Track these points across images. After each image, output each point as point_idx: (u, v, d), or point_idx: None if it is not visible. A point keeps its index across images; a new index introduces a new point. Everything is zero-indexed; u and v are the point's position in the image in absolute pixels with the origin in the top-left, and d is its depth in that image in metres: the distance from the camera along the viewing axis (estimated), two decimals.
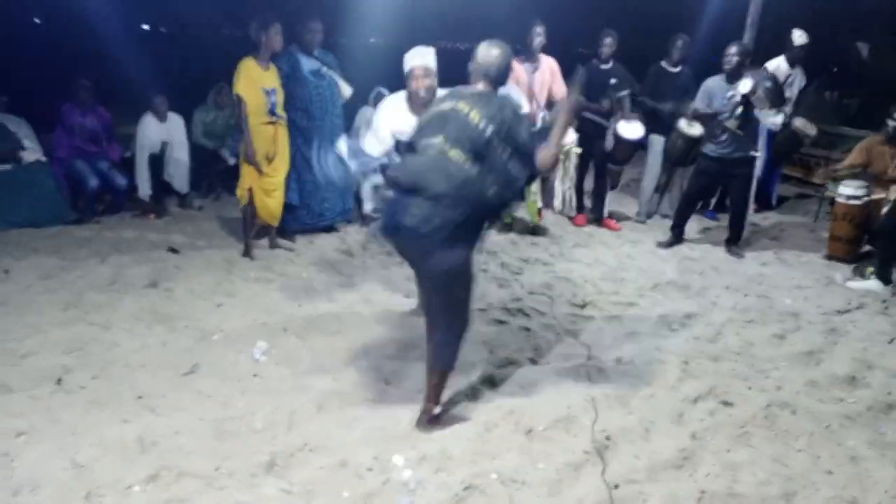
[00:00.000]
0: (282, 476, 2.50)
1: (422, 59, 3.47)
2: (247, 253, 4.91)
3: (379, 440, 2.76)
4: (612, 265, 5.21)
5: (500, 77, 2.81)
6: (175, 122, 6.22)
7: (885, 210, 5.04)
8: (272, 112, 4.58)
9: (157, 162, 6.19)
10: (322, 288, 4.45)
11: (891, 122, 5.24)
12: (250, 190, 4.72)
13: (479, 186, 2.60)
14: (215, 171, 6.79)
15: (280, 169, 4.79)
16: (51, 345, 3.42)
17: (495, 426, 2.90)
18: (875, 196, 5.42)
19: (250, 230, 4.90)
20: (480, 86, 2.79)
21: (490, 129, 2.61)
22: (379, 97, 5.91)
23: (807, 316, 4.31)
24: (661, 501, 2.46)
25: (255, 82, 4.48)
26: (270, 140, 4.65)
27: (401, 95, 3.66)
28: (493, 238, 5.57)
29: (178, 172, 6.27)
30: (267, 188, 4.75)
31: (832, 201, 6.68)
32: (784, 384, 3.39)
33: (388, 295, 4.36)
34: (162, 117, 6.11)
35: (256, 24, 4.46)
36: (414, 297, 4.02)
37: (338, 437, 2.76)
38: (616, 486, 2.52)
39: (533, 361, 3.57)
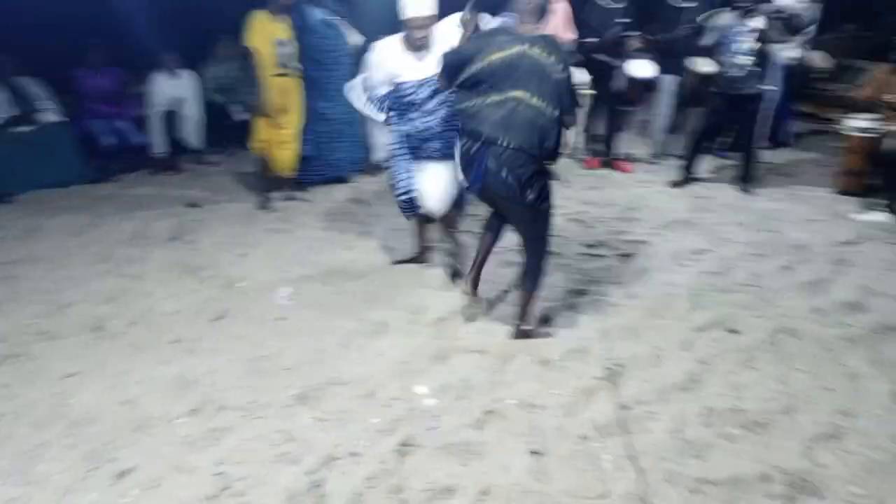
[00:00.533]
0: (314, 407, 2.69)
1: (420, 8, 3.28)
2: (264, 205, 5.04)
3: (403, 373, 2.93)
4: (624, 205, 5.29)
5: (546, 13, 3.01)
6: (187, 78, 6.28)
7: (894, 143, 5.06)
8: (284, 64, 4.64)
9: (172, 119, 6.29)
10: (340, 237, 4.59)
11: None
12: (264, 143, 4.81)
13: (558, 127, 2.88)
14: (227, 126, 6.87)
15: (294, 121, 4.88)
16: (89, 295, 3.61)
17: (512, 357, 3.06)
18: (887, 128, 5.42)
19: (266, 183, 5.01)
20: (532, 24, 2.94)
21: (565, 71, 2.84)
22: None
23: (815, 248, 4.40)
24: (670, 419, 2.62)
25: (267, 34, 4.54)
26: (283, 92, 4.72)
27: (396, 38, 3.46)
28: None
29: (193, 129, 6.37)
30: (281, 140, 4.86)
31: (843, 135, 6.68)
32: (789, 312, 3.51)
33: (405, 241, 4.48)
34: (174, 74, 6.18)
35: None
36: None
37: (364, 371, 2.94)
38: (627, 407, 2.68)
39: (545, 299, 3.70)
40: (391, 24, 3.49)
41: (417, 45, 3.37)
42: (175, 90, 6.19)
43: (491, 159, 2.89)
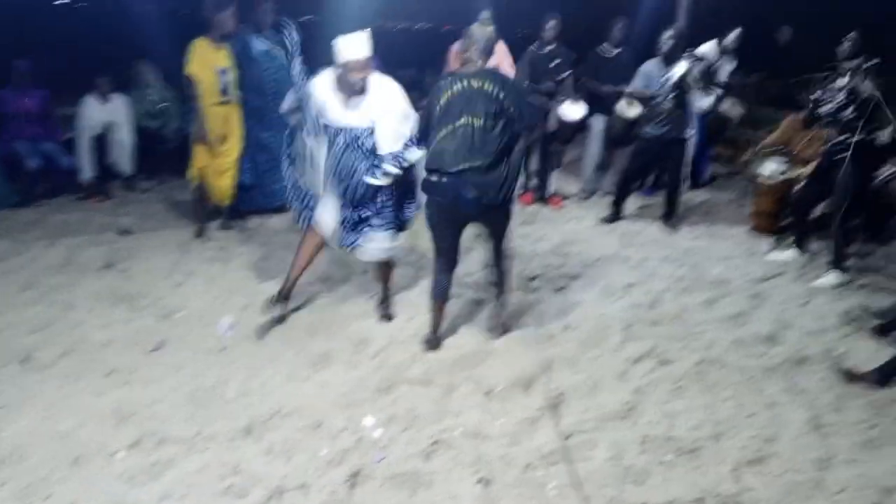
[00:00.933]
0: (260, 439, 2.66)
1: (359, 51, 3.24)
2: (200, 234, 4.96)
3: (349, 404, 2.94)
4: (558, 241, 5.49)
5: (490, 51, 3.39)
6: (118, 102, 6.13)
7: (798, 186, 5.48)
8: (224, 92, 4.63)
9: (102, 143, 6.10)
10: (280, 266, 4.52)
11: (807, 106, 5.63)
12: (202, 170, 4.75)
13: (506, 142, 3.17)
14: (159, 153, 6.73)
15: (233, 149, 4.85)
16: (14, 325, 3.45)
17: (457, 388, 3.12)
18: (793, 173, 5.88)
19: (202, 211, 4.94)
20: (480, 63, 3.26)
21: (502, 93, 3.13)
22: None
23: (734, 283, 4.69)
24: (609, 447, 2.73)
25: (208, 62, 4.52)
26: (223, 120, 4.70)
27: (330, 73, 3.40)
28: None
29: (122, 154, 6.20)
30: (219, 169, 4.81)
31: (755, 178, 7.18)
32: (713, 344, 3.73)
33: (346, 272, 4.51)
34: (104, 98, 6.02)
35: (212, 3, 4.49)
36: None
37: (309, 403, 2.93)
38: (569, 436, 2.79)
39: (486, 331, 3.80)
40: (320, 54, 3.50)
41: (352, 89, 3.30)
42: (106, 114, 6.02)
43: (468, 184, 3.12)
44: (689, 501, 2.41)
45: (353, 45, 3.23)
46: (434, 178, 3.19)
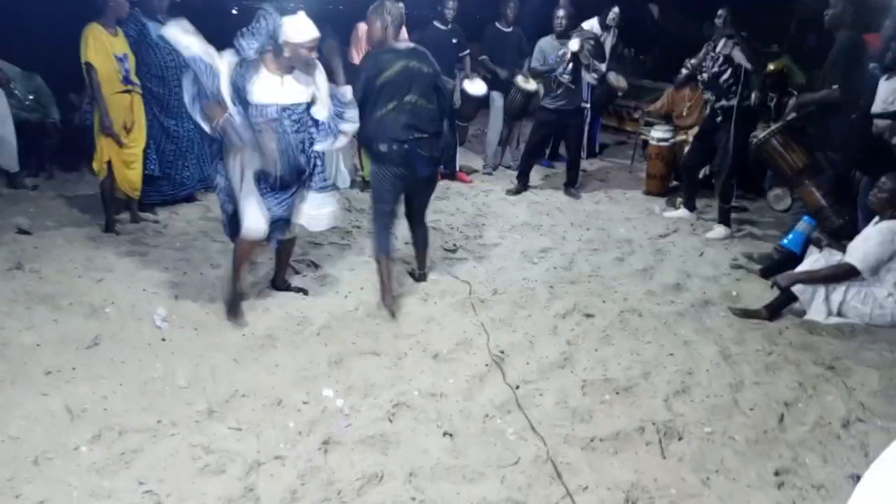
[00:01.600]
0: (224, 420, 2.69)
1: (311, 31, 3.27)
2: (109, 228, 4.75)
3: (304, 379, 3.01)
4: (472, 213, 5.72)
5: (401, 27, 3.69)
6: None
7: (685, 150, 6.01)
8: (126, 80, 4.45)
9: None
10: (200, 255, 4.47)
11: (683, 72, 6.14)
12: (109, 163, 4.56)
13: (440, 116, 3.71)
14: (46, 147, 6.31)
15: (139, 139, 4.67)
16: None
17: (405, 354, 3.27)
18: (679, 138, 6.43)
19: (111, 205, 4.73)
20: (406, 39, 3.77)
21: (433, 72, 3.63)
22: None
23: (637, 241, 5.12)
24: (555, 392, 2.99)
25: (105, 48, 4.31)
26: (127, 109, 4.51)
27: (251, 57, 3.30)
28: (359, 196, 5.83)
29: (5, 150, 5.75)
30: (127, 160, 4.63)
31: (645, 144, 7.75)
32: (629, 296, 4.10)
33: (269, 255, 4.49)
34: None
35: None
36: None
37: (265, 382, 2.98)
38: (517, 387, 3.01)
39: (423, 300, 3.96)
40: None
41: (293, 68, 3.32)
42: None
43: (422, 150, 3.61)
44: (632, 430, 2.70)
45: (305, 26, 3.27)
46: (385, 146, 3.56)
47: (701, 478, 2.45)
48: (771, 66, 7.17)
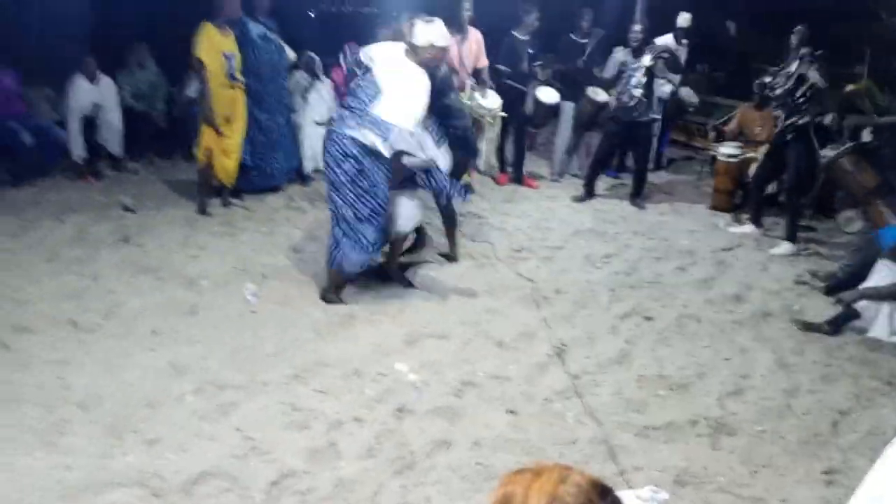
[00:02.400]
0: (308, 384, 2.98)
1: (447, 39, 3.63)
2: (202, 210, 5.17)
3: (380, 353, 3.28)
4: (537, 217, 5.91)
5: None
6: (106, 84, 6.22)
7: (753, 167, 6.05)
8: (231, 76, 4.85)
9: (90, 124, 6.18)
10: (285, 241, 4.83)
11: (756, 90, 6.17)
12: (209, 150, 4.97)
13: None
14: (147, 135, 6.85)
15: (238, 130, 5.07)
16: (49, 293, 3.65)
17: (471, 340, 3.50)
18: (748, 155, 6.45)
19: (206, 189, 5.15)
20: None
21: None
22: (311, 62, 6.25)
23: (700, 253, 5.20)
24: (611, 385, 3.16)
25: (216, 46, 4.73)
26: (229, 102, 4.92)
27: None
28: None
29: (112, 135, 6.29)
30: (226, 149, 5.03)
31: (713, 160, 7.77)
32: (688, 303, 4.21)
33: None
34: (92, 78, 6.10)
35: None
36: None
37: (344, 354, 3.26)
38: (576, 377, 3.20)
39: (488, 293, 4.18)
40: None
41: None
42: (95, 95, 6.11)
43: None
44: (684, 423, 2.85)
45: (444, 34, 3.54)
46: None
47: (749, 469, 2.59)
48: (851, 87, 7.11)
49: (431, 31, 3.50)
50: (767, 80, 5.36)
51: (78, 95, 6.01)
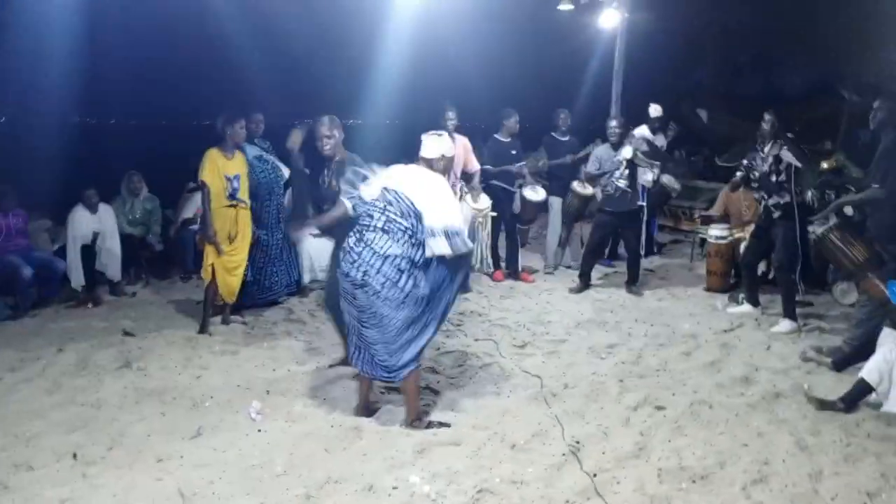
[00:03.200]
0: (320, 503, 2.88)
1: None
2: (203, 329, 5.17)
3: (392, 466, 3.20)
4: (537, 311, 5.94)
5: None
6: (105, 212, 6.37)
7: (743, 246, 6.16)
8: (233, 196, 4.99)
9: (88, 252, 6.28)
10: (287, 354, 4.80)
11: (738, 174, 6.37)
12: (213, 267, 5.04)
13: None
14: (143, 258, 6.95)
15: (241, 248, 5.16)
16: (53, 426, 3.58)
17: (484, 445, 3.43)
18: (737, 235, 6.60)
19: (210, 307, 5.18)
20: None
21: None
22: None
23: (703, 336, 5.21)
24: (631, 481, 3.08)
25: (219, 170, 4.91)
26: (232, 221, 5.04)
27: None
28: None
29: (111, 261, 6.37)
30: (228, 266, 5.10)
31: (702, 242, 7.91)
32: (698, 388, 4.18)
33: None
34: (93, 209, 6.26)
35: (223, 118, 4.94)
36: None
37: (355, 469, 3.18)
38: (595, 475, 3.12)
39: (496, 394, 4.14)
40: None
41: None
42: (95, 224, 6.24)
43: None
44: None
45: (449, 144, 3.79)
46: None
47: None
48: (824, 165, 7.38)
49: (442, 144, 3.73)
50: (745, 162, 5.57)
51: (79, 225, 6.14)
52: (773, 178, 5.22)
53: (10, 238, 5.88)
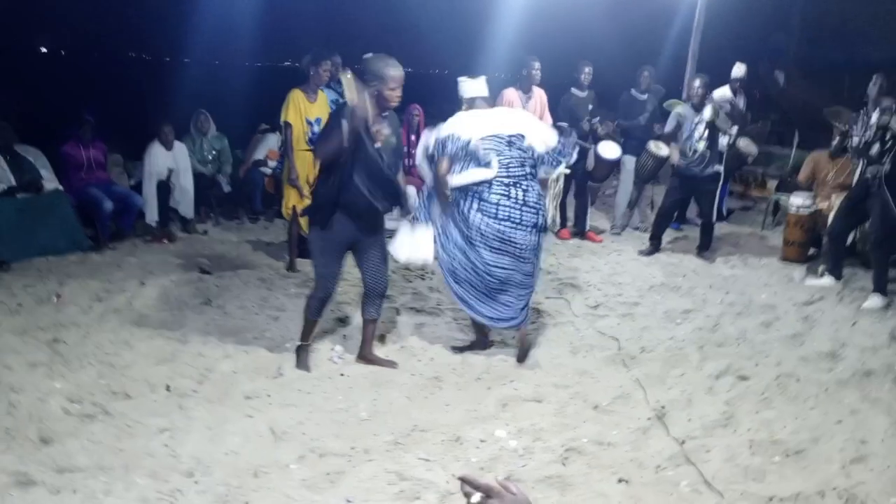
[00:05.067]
0: (410, 451, 2.91)
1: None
2: (291, 267, 5.27)
3: (475, 419, 3.20)
4: (607, 272, 5.83)
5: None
6: (180, 149, 6.45)
7: (831, 216, 5.89)
8: (311, 140, 4.97)
9: (164, 188, 6.38)
10: (358, 300, 4.80)
11: (836, 139, 6.05)
12: (294, 208, 5.07)
13: None
14: (213, 197, 7.04)
15: None
16: (142, 357, 3.68)
17: (567, 404, 3.40)
18: (821, 205, 6.31)
19: (295, 247, 5.25)
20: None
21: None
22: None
23: (782, 307, 5.03)
24: (722, 450, 3.01)
25: (301, 112, 4.88)
26: (311, 165, 5.02)
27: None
28: None
29: (184, 199, 6.49)
30: None
31: (775, 210, 7.63)
32: (782, 361, 4.04)
33: (424, 302, 4.80)
34: (168, 145, 6.33)
35: (310, 57, 4.90)
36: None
37: (439, 419, 3.19)
38: (683, 442, 3.07)
39: (572, 353, 4.09)
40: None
41: None
42: (170, 160, 6.33)
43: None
44: (811, 494, 2.69)
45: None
46: None
47: None
48: None
49: (478, 84, 3.89)
50: (845, 129, 5.27)
51: (155, 161, 6.24)
52: (877, 147, 4.93)
53: (91, 170, 6.02)
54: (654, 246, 6.47)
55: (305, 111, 4.92)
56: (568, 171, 6.51)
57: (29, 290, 4.66)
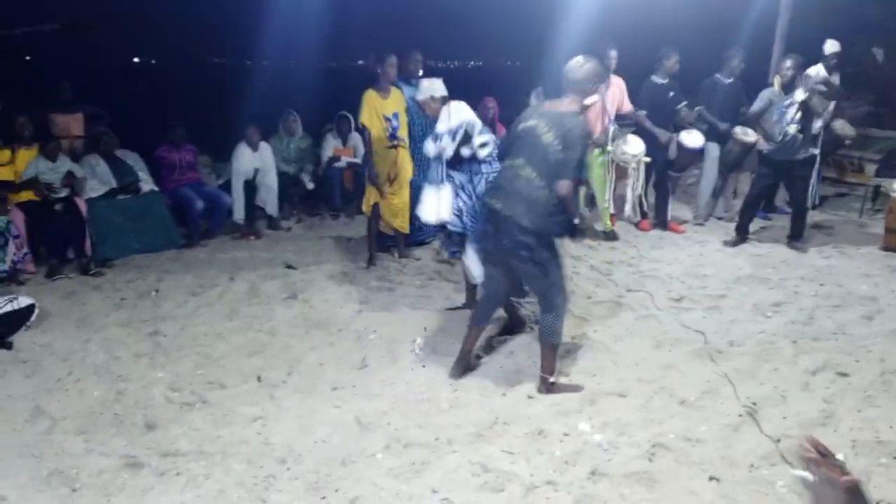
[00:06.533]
0: (492, 442, 2.92)
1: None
2: (371, 261, 5.39)
3: (559, 412, 3.18)
4: (690, 263, 5.65)
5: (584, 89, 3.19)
6: (266, 150, 6.68)
7: None
8: (392, 136, 5.06)
9: (249, 187, 6.63)
10: (438, 294, 4.88)
11: None
12: (375, 205, 5.18)
13: (549, 199, 3.12)
14: (296, 195, 7.27)
15: (402, 189, 5.27)
16: (235, 349, 3.86)
17: (651, 398, 3.33)
18: None
19: (374, 242, 5.37)
20: (566, 102, 3.20)
21: (564, 149, 3.07)
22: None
23: (884, 299, 4.74)
24: None
25: (376, 111, 4.98)
26: (392, 162, 5.14)
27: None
28: (571, 244, 6.00)
29: (270, 197, 6.72)
30: (392, 210, 5.27)
31: (875, 196, 7.19)
32: (886, 357, 3.81)
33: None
34: (254, 146, 6.57)
35: (374, 56, 4.97)
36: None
37: (521, 412, 3.19)
38: (778, 440, 2.95)
39: (656, 347, 3.99)
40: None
41: None
42: (256, 160, 6.57)
43: (490, 223, 3.35)
44: None
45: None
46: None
47: None
48: None
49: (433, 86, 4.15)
50: None
51: (242, 161, 6.49)
52: None
53: (182, 171, 6.33)
54: (741, 236, 6.22)
55: (381, 108, 5.00)
56: (649, 159, 6.38)
57: (131, 285, 4.97)
